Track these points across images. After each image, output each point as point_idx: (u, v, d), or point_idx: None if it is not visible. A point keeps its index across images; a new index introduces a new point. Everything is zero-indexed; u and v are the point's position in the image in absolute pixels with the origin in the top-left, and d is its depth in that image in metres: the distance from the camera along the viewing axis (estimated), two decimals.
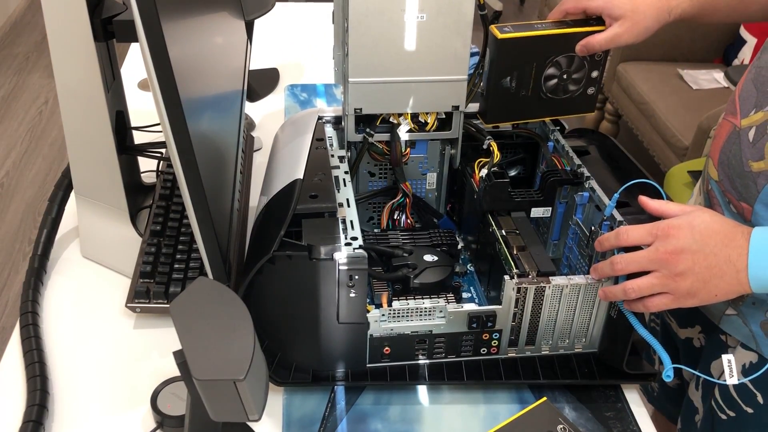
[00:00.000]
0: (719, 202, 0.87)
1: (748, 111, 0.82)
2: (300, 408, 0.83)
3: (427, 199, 1.03)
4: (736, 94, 0.86)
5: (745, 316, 0.86)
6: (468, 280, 0.96)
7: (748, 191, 0.81)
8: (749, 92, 0.83)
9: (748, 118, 0.82)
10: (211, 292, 0.62)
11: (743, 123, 0.82)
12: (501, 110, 0.96)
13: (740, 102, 0.84)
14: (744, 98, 0.84)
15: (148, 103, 0.69)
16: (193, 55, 0.75)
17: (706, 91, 2.47)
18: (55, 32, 0.84)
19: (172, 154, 0.64)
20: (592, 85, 0.95)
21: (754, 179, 0.80)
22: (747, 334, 0.87)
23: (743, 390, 0.88)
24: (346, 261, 0.76)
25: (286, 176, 0.87)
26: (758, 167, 0.79)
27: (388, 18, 0.85)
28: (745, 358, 0.88)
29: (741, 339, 0.88)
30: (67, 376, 0.86)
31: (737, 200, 0.83)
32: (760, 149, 0.79)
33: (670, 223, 0.74)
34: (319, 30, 1.67)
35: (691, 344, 0.99)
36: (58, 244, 1.03)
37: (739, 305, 0.87)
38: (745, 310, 0.86)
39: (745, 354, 0.88)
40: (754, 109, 0.81)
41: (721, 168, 0.85)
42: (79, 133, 0.92)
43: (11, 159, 2.80)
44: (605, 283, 0.82)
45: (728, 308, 0.88)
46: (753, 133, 0.80)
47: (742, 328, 0.87)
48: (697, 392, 0.96)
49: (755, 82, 0.82)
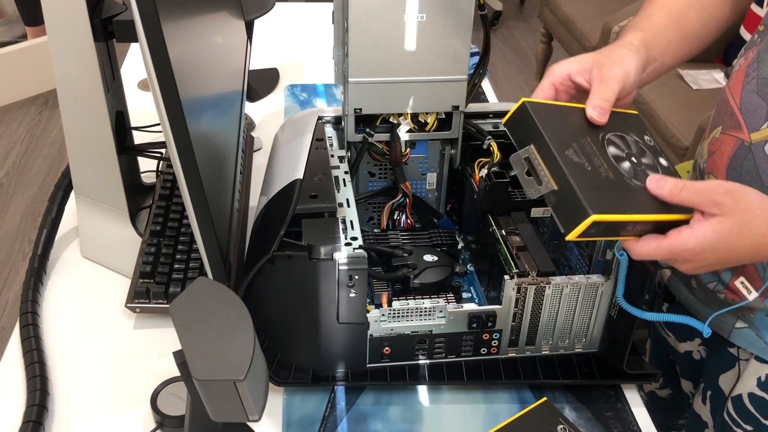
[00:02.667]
0: None
1: (758, 124, 0.79)
2: (300, 408, 0.83)
3: (427, 199, 1.03)
4: (734, 107, 0.82)
5: (758, 328, 0.84)
6: (468, 280, 0.96)
7: None
8: (756, 104, 0.79)
9: (760, 131, 0.78)
10: (211, 292, 0.62)
11: (754, 137, 0.79)
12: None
13: (744, 116, 0.81)
14: (750, 111, 0.80)
15: (148, 103, 0.69)
16: (193, 55, 0.75)
17: (706, 91, 2.47)
18: (55, 32, 0.84)
19: (172, 154, 0.64)
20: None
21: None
22: (762, 346, 0.85)
23: (760, 402, 0.86)
24: (346, 261, 0.76)
25: (286, 176, 0.87)
26: None
27: (388, 18, 0.85)
28: (761, 371, 0.86)
29: (756, 352, 0.85)
30: (67, 376, 0.86)
31: None
32: None
33: (689, 249, 0.67)
34: (319, 30, 1.67)
35: (690, 357, 0.98)
36: (58, 244, 1.03)
37: (750, 318, 0.85)
38: (757, 323, 0.84)
39: (759, 366, 0.86)
40: (766, 122, 0.78)
41: None
42: (79, 133, 0.92)
43: (11, 159, 2.80)
44: (605, 284, 0.82)
45: (738, 321, 0.86)
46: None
47: (756, 342, 0.85)
48: (705, 406, 0.94)
49: (761, 94, 0.79)
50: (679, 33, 0.86)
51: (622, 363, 0.83)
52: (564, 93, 0.78)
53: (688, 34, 0.87)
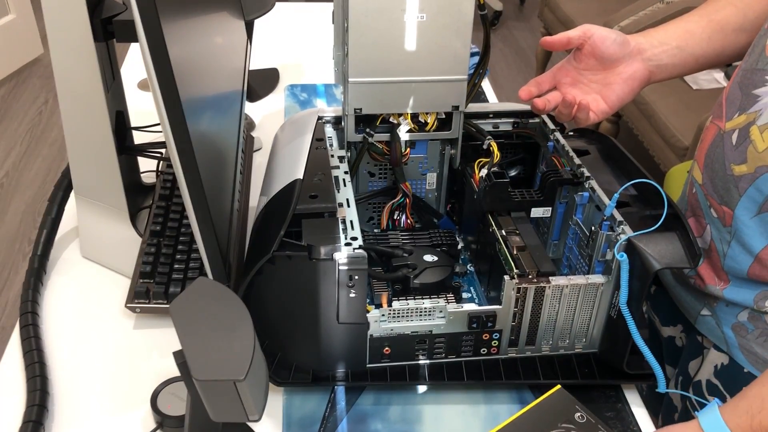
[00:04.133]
0: (701, 206, 0.87)
1: (733, 114, 0.81)
2: (300, 408, 0.83)
3: (427, 199, 1.03)
4: (723, 97, 0.85)
5: (718, 317, 0.87)
6: (468, 280, 0.96)
7: (729, 195, 0.81)
8: (735, 95, 0.82)
9: (732, 120, 0.81)
10: (211, 292, 0.62)
11: (727, 126, 0.82)
12: None
13: (726, 105, 0.84)
14: (730, 101, 0.83)
15: (148, 103, 0.69)
16: (193, 55, 0.75)
17: (706, 91, 2.47)
18: (55, 32, 0.84)
19: (172, 154, 0.64)
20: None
21: (735, 183, 0.79)
22: (719, 336, 0.87)
23: (715, 390, 0.89)
24: (346, 261, 0.76)
25: (286, 176, 0.87)
26: (740, 171, 0.79)
27: (388, 18, 0.85)
28: (717, 360, 0.88)
29: (714, 340, 0.88)
30: (67, 376, 0.86)
31: (719, 204, 0.83)
32: (743, 152, 0.78)
33: None
34: (319, 30, 1.67)
35: (673, 343, 1.00)
36: (58, 244, 1.03)
37: (713, 306, 0.87)
38: (719, 312, 0.87)
39: (717, 355, 0.88)
40: (738, 111, 0.80)
41: (706, 171, 0.85)
42: (79, 133, 0.92)
43: (11, 159, 2.80)
44: (605, 284, 0.82)
45: (704, 308, 0.89)
46: (736, 136, 0.80)
47: (715, 330, 0.88)
48: (677, 390, 0.97)
49: (740, 85, 0.82)
50: (707, 27, 0.90)
51: (622, 363, 0.83)
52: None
53: (722, 28, 0.90)
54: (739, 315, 0.85)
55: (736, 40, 0.90)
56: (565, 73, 0.92)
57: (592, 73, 0.90)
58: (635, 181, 0.82)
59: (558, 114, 0.91)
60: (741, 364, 0.86)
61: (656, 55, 0.89)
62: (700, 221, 0.88)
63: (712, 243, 0.85)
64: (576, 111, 0.89)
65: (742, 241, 0.81)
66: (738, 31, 0.89)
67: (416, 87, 0.90)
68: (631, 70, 0.88)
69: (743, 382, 0.85)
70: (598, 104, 0.89)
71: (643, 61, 0.89)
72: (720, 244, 0.84)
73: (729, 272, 0.84)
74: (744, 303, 0.84)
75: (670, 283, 0.97)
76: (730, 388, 0.87)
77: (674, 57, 0.89)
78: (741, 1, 0.89)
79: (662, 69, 0.90)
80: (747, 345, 0.85)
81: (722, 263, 0.84)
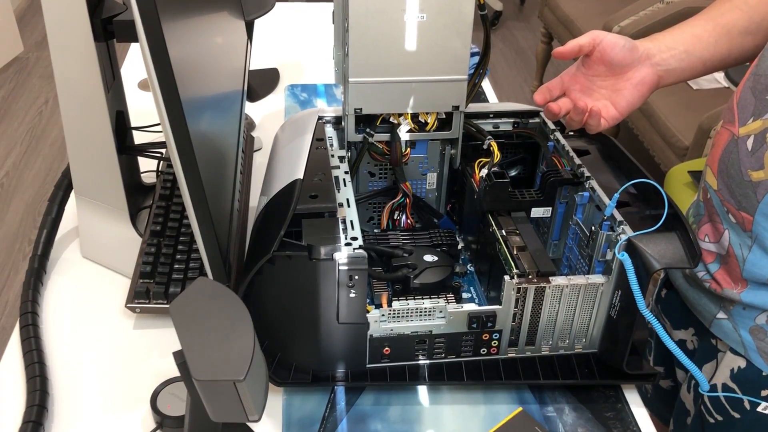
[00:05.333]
0: (717, 211, 0.86)
1: (746, 119, 0.81)
2: (300, 408, 0.83)
3: (427, 199, 1.03)
4: (734, 101, 0.85)
5: (735, 320, 0.86)
6: (468, 280, 0.96)
7: (748, 201, 0.80)
8: (747, 100, 0.82)
9: (746, 126, 0.81)
10: (210, 292, 0.62)
11: (741, 131, 0.81)
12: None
13: (738, 110, 0.83)
14: (742, 106, 0.82)
15: (148, 103, 0.69)
16: (193, 55, 0.75)
17: (706, 91, 2.47)
18: (55, 32, 0.84)
19: (172, 154, 0.64)
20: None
21: (753, 189, 0.79)
22: (737, 339, 0.87)
23: (731, 395, 0.88)
24: (346, 261, 0.76)
25: (286, 176, 0.87)
26: (758, 177, 0.78)
27: (388, 18, 0.85)
28: (734, 363, 0.88)
29: (730, 344, 0.88)
30: (67, 376, 0.86)
31: (737, 210, 0.82)
32: (760, 158, 0.78)
33: None
34: (319, 30, 1.67)
35: (684, 347, 0.99)
36: (58, 244, 1.03)
37: (729, 309, 0.87)
38: (735, 315, 0.86)
39: (733, 359, 0.88)
40: (752, 117, 0.80)
41: (720, 177, 0.84)
42: (79, 133, 0.92)
43: (11, 159, 2.80)
44: (605, 284, 0.82)
45: (720, 312, 0.88)
46: (751, 142, 0.79)
47: (732, 333, 0.87)
48: (689, 395, 0.97)
49: (753, 90, 0.81)
50: (713, 30, 0.90)
51: (622, 363, 0.83)
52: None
53: (728, 32, 0.90)
54: (756, 318, 0.84)
55: (742, 43, 0.89)
56: (574, 80, 0.91)
57: (602, 79, 0.89)
58: (635, 181, 0.82)
59: (569, 121, 0.91)
60: (759, 368, 0.85)
61: (664, 60, 0.89)
62: (717, 226, 0.87)
63: (730, 248, 0.85)
64: (587, 117, 0.88)
65: (764, 246, 0.80)
66: (744, 34, 0.89)
67: (416, 87, 0.90)
68: (641, 75, 0.88)
69: (762, 385, 0.85)
70: (608, 110, 0.89)
71: (652, 66, 0.88)
72: (739, 249, 0.83)
73: (748, 276, 0.83)
74: (762, 306, 0.83)
75: (683, 286, 0.96)
76: (748, 391, 0.86)
77: (682, 61, 0.89)
78: (746, 4, 0.89)
79: (670, 73, 0.90)
80: (765, 348, 0.84)
81: (741, 267, 0.83)
